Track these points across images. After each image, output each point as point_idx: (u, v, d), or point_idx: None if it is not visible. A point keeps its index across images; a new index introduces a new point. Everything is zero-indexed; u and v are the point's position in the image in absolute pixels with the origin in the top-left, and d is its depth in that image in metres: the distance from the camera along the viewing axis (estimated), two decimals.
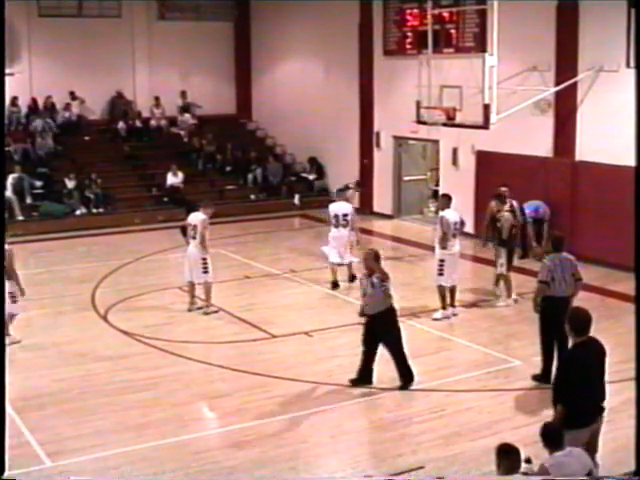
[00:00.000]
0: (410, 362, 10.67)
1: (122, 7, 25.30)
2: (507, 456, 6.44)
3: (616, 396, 10.07)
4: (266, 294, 15.46)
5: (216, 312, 13.98)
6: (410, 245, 19.07)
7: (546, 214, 17.22)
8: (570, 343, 7.59)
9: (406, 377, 10.66)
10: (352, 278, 15.12)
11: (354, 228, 15.43)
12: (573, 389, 7.14)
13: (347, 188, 17.23)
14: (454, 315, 13.65)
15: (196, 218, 13.94)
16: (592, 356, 7.39)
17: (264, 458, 8.89)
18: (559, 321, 9.43)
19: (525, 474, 6.55)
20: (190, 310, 14.11)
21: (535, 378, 10.72)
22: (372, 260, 10.67)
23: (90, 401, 10.39)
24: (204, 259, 13.84)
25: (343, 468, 8.80)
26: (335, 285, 15.34)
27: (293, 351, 12.26)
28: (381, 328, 10.56)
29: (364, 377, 10.68)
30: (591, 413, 7.33)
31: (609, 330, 12.83)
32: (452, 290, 13.76)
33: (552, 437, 6.58)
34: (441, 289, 13.59)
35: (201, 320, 13.77)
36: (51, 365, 11.65)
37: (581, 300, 14.48)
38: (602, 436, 8.70)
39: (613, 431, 9.15)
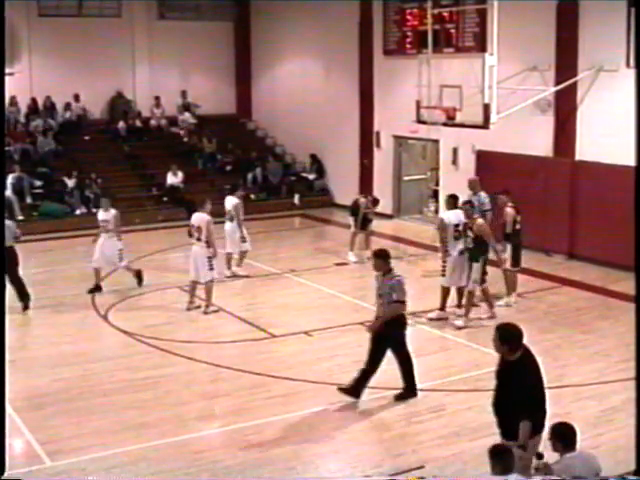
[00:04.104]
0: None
1: (122, 7, 25.33)
2: (501, 457, 6.41)
3: (616, 396, 10.13)
4: (266, 294, 15.47)
5: (216, 312, 13.98)
6: (410, 245, 19.07)
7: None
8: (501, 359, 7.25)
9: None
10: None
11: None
12: (530, 401, 6.96)
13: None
14: (461, 316, 13.60)
15: (199, 219, 13.94)
16: (534, 364, 7.17)
17: (264, 458, 8.88)
18: (403, 334, 10.16)
19: (537, 469, 6.51)
20: (189, 309, 14.12)
21: (400, 397, 10.31)
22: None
23: (90, 401, 10.39)
24: (210, 257, 13.86)
25: (343, 468, 8.80)
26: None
27: (293, 351, 12.26)
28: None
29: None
30: (543, 418, 7.16)
31: (609, 330, 12.92)
32: (459, 291, 13.70)
33: (565, 438, 6.50)
34: (443, 290, 13.57)
35: (201, 320, 13.78)
36: (51, 365, 11.64)
37: (582, 299, 14.69)
38: (602, 436, 8.77)
39: (613, 431, 9.19)
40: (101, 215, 15.48)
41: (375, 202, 18.05)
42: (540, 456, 6.62)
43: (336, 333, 12.95)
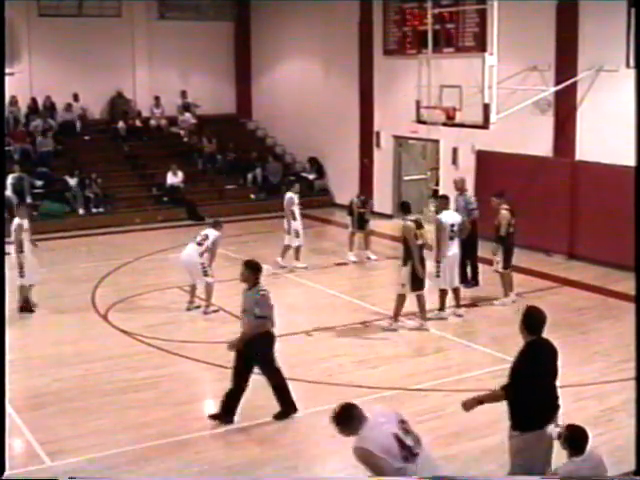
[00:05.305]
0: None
1: (122, 7, 25.34)
2: (344, 416, 5.99)
3: (616, 396, 10.13)
4: None
5: (216, 312, 13.98)
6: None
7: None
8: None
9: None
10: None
11: None
12: (526, 388, 6.94)
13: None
14: (460, 316, 13.60)
15: (210, 231, 14.02)
16: (544, 354, 7.25)
17: (264, 458, 8.89)
18: (270, 353, 9.65)
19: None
20: (189, 309, 14.12)
21: (279, 416, 9.79)
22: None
23: (90, 401, 10.39)
24: (202, 264, 13.85)
25: (343, 468, 8.77)
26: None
27: (293, 351, 12.22)
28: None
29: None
30: (548, 412, 7.20)
31: (609, 330, 12.91)
32: (455, 291, 13.73)
33: (574, 441, 6.47)
34: (441, 291, 13.57)
35: (201, 320, 13.78)
36: (51, 365, 11.64)
37: (582, 299, 14.69)
38: (602, 436, 8.75)
39: (613, 431, 9.18)
40: (26, 224, 14.02)
41: (364, 203, 18.05)
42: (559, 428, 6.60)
43: (336, 333, 12.95)
